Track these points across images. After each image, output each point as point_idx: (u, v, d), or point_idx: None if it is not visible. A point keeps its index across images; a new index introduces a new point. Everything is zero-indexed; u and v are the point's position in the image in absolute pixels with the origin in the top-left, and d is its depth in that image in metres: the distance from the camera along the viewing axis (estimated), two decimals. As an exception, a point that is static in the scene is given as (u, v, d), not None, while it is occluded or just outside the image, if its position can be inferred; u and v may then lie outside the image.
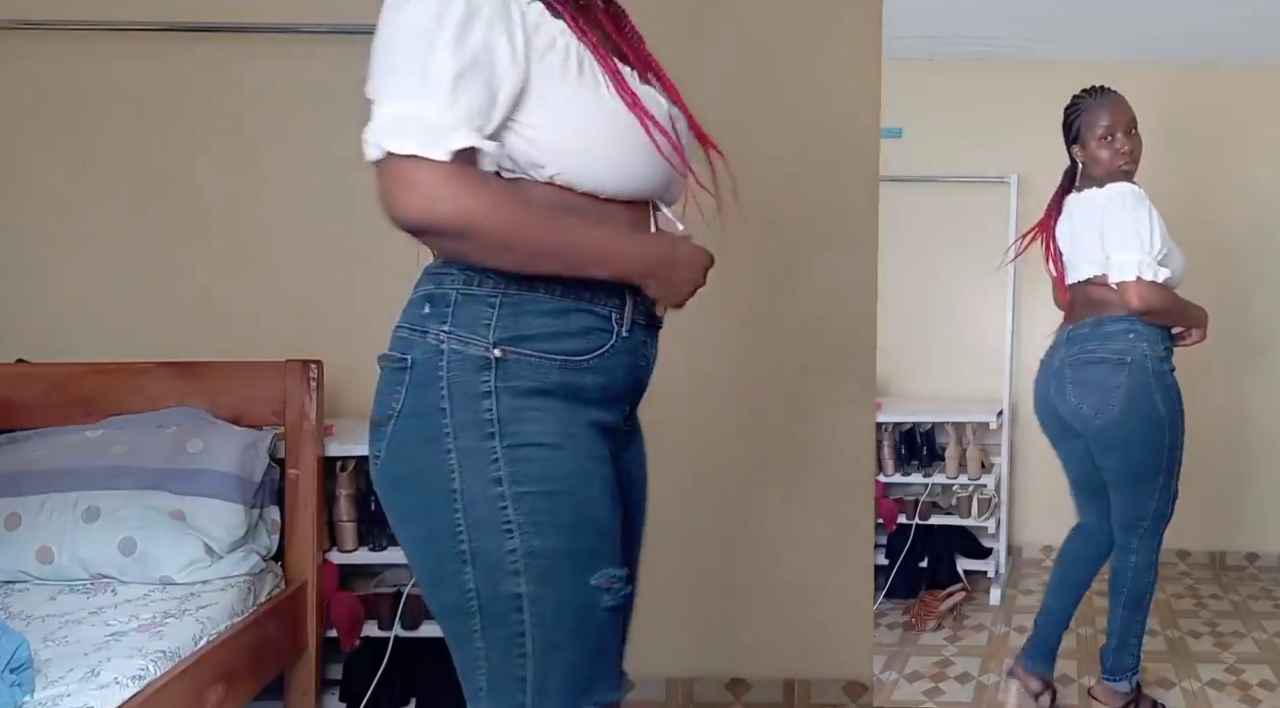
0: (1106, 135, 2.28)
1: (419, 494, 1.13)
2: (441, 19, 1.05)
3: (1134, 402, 2.26)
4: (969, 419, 3.08)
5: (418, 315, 1.17)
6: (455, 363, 1.12)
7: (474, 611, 1.14)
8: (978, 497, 3.07)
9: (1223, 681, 2.71)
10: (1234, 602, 3.14)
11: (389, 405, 1.15)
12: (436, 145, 1.04)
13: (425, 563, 1.16)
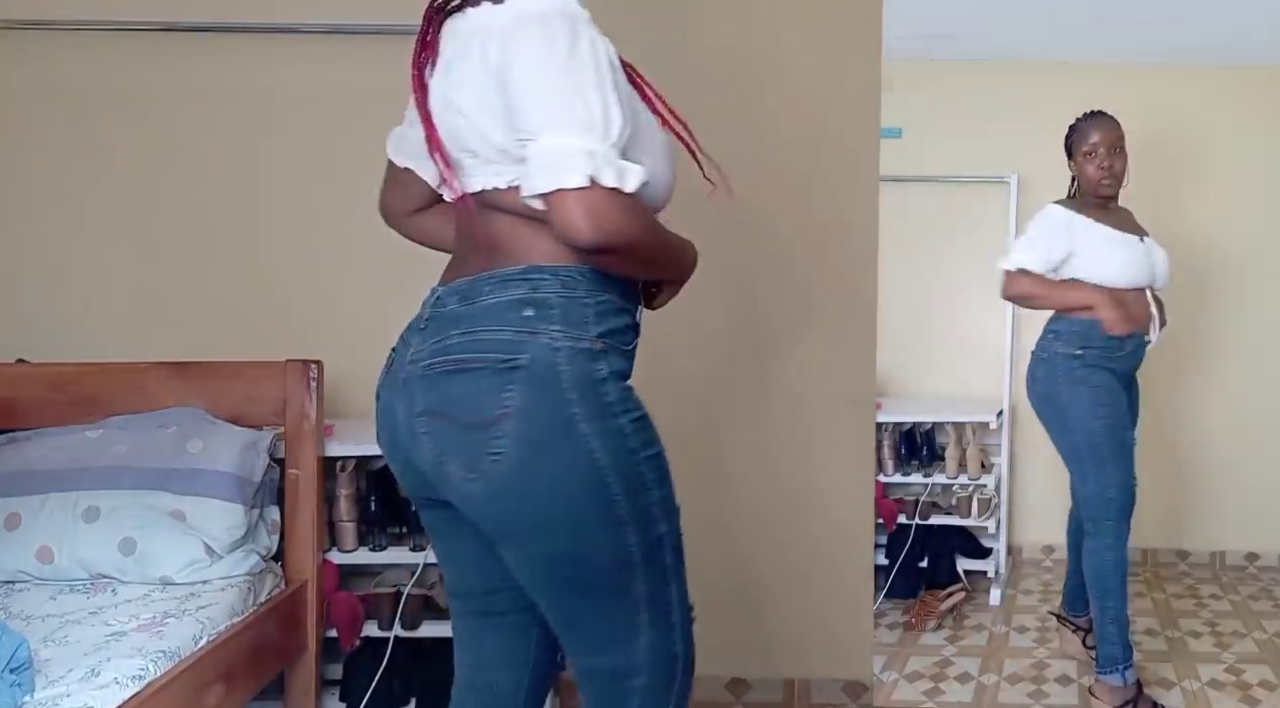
0: (1091, 152, 2.50)
1: (562, 478, 1.25)
2: (596, 61, 1.22)
3: (1045, 394, 2.53)
4: (969, 419, 3.08)
5: (520, 319, 1.25)
6: (573, 357, 1.25)
7: (636, 562, 1.30)
8: (978, 497, 3.07)
9: (1223, 681, 2.71)
10: (1234, 602, 3.14)
11: (500, 404, 1.23)
12: (628, 180, 1.20)
13: (576, 536, 1.28)
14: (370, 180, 2.61)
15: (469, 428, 1.24)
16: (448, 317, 1.30)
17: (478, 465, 1.24)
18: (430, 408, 1.28)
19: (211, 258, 2.62)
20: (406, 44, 2.56)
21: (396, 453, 1.37)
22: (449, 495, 1.31)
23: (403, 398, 1.32)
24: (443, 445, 1.27)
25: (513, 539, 1.30)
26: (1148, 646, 2.91)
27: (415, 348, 1.33)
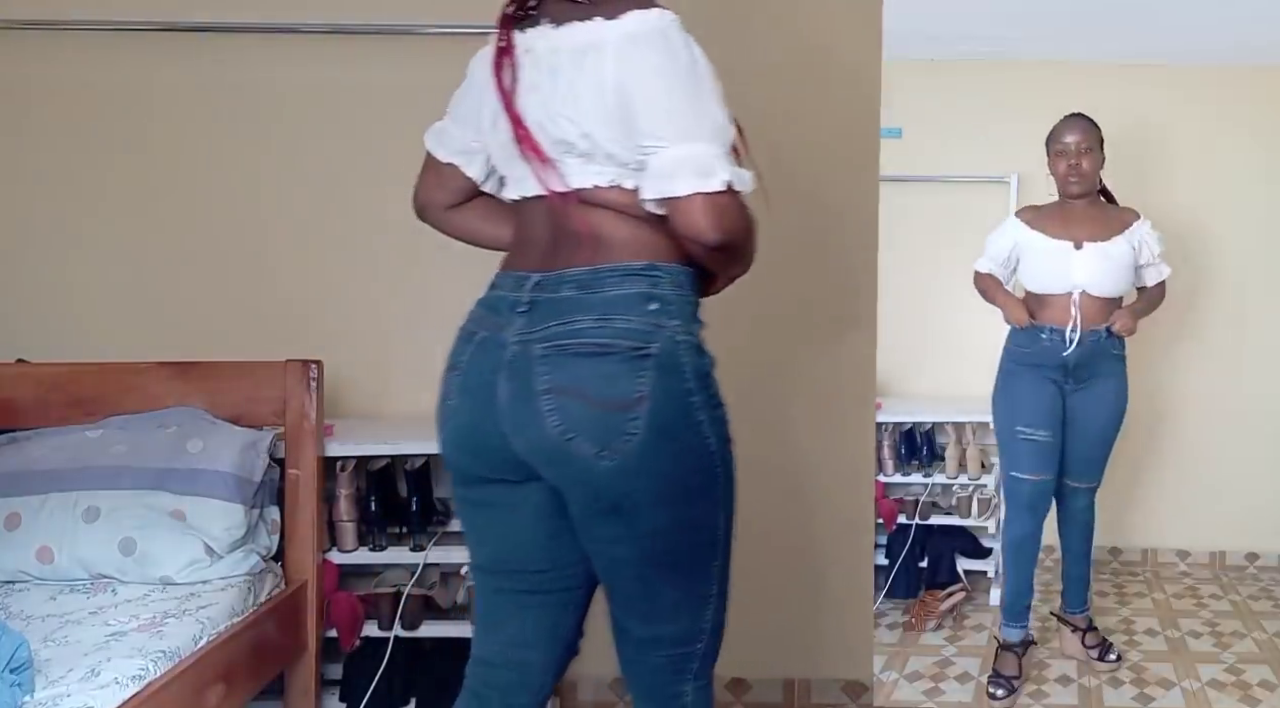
0: (1062, 151, 2.63)
1: (684, 460, 1.36)
2: (708, 71, 1.36)
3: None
4: (969, 419, 3.07)
5: (647, 312, 1.35)
6: (690, 350, 1.37)
7: (720, 539, 1.43)
8: (978, 497, 3.07)
9: (1223, 681, 2.71)
10: (1234, 602, 3.14)
11: (635, 388, 1.33)
12: (746, 183, 1.35)
13: (686, 512, 1.39)
14: (370, 180, 2.63)
15: (606, 408, 1.33)
16: (567, 302, 1.36)
17: (612, 443, 1.33)
18: (558, 386, 1.34)
19: (211, 258, 2.62)
20: (406, 44, 2.59)
21: (480, 429, 1.41)
22: (558, 472, 1.37)
23: (512, 375, 1.37)
24: (571, 422, 1.33)
25: (626, 514, 1.36)
26: (1148, 646, 2.91)
27: (520, 328, 1.38)
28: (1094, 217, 2.66)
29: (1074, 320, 2.58)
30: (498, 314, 1.43)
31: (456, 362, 1.46)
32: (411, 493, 2.40)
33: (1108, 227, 2.66)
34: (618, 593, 1.45)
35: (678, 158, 1.30)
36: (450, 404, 1.46)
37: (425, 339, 2.62)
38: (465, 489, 1.51)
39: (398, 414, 2.63)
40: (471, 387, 1.42)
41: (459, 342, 1.48)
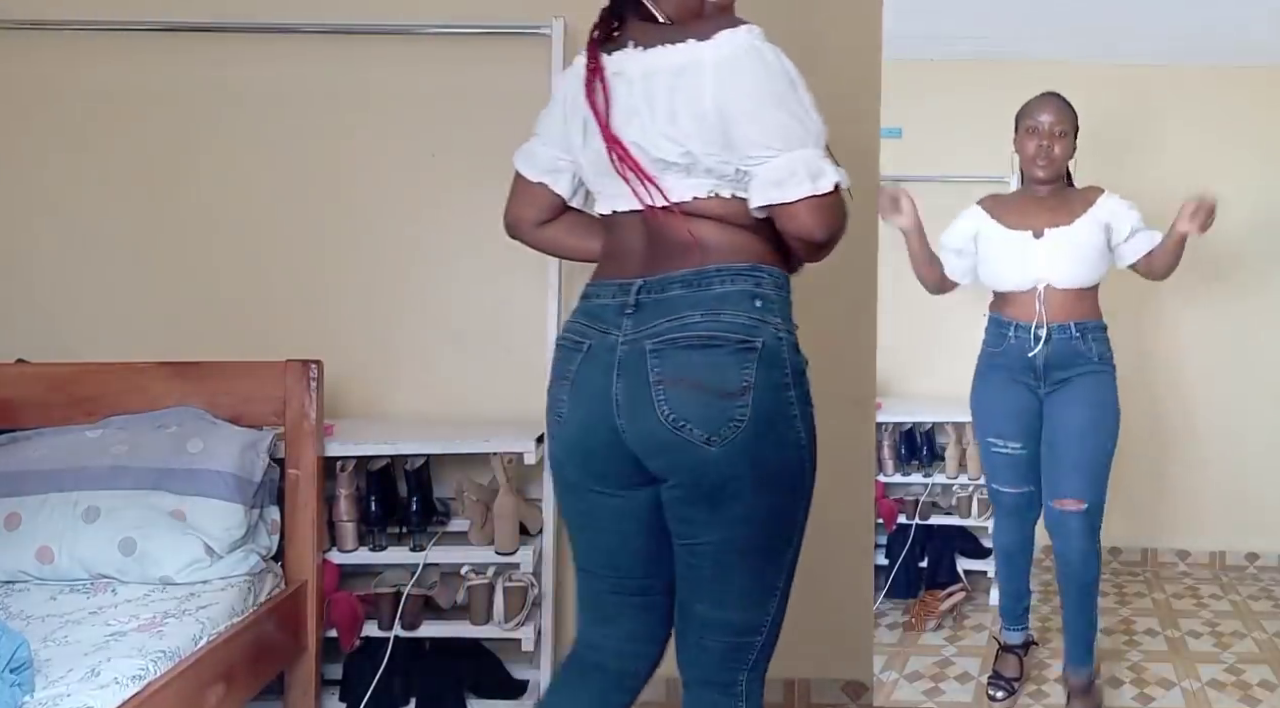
0: (1032, 129, 2.45)
1: (781, 448, 1.46)
2: (800, 77, 1.47)
3: None
4: (969, 419, 3.07)
5: (753, 308, 1.44)
6: (789, 347, 1.47)
7: (797, 533, 1.52)
8: (978, 497, 3.06)
9: (1223, 681, 2.71)
10: (1234, 602, 3.14)
11: (742, 378, 1.41)
12: (845, 179, 1.43)
13: (777, 501, 1.48)
14: (369, 180, 2.63)
15: (716, 395, 1.40)
16: (675, 300, 1.43)
17: (720, 429, 1.40)
18: (669, 376, 1.41)
19: (211, 258, 2.62)
20: (405, 44, 2.59)
21: (594, 431, 1.47)
22: (666, 460, 1.44)
23: (624, 372, 1.44)
24: (682, 410, 1.40)
25: (721, 501, 1.44)
26: (1148, 646, 2.91)
27: (629, 329, 1.45)
28: (1055, 203, 2.46)
29: (1039, 316, 2.38)
30: (602, 321, 1.48)
31: (566, 371, 1.52)
32: (411, 493, 2.40)
33: (1069, 211, 2.45)
34: (695, 575, 1.50)
35: (787, 165, 1.39)
36: (562, 413, 1.52)
37: (425, 339, 2.65)
38: (572, 498, 1.59)
39: (398, 414, 2.63)
40: (585, 393, 1.48)
41: (565, 352, 1.53)
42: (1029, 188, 2.49)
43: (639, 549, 1.55)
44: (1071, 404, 2.40)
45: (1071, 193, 2.50)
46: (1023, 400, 2.44)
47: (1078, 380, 2.41)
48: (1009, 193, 2.54)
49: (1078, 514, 2.37)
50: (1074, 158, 2.48)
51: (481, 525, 2.38)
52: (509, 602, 2.33)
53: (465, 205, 2.64)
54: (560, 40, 2.49)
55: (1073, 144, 2.47)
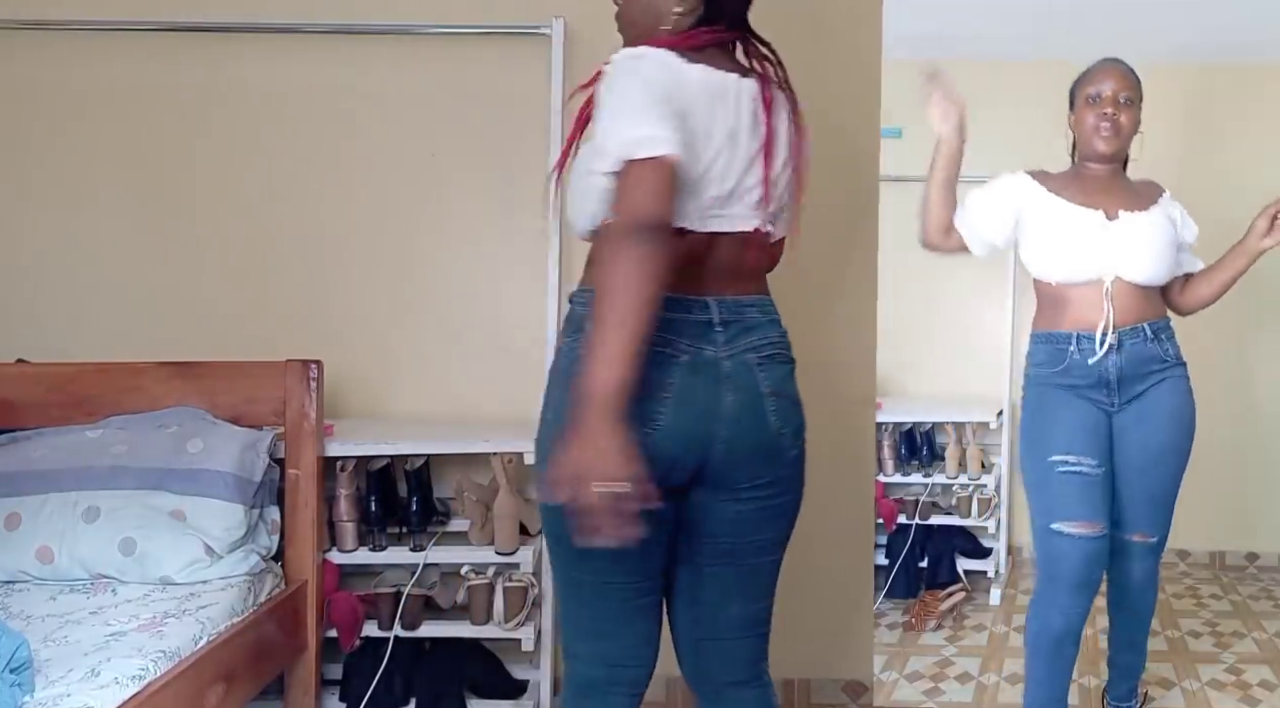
0: (1094, 98, 2.07)
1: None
2: None
3: None
4: (969, 419, 3.07)
5: (783, 332, 1.62)
6: None
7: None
8: (978, 497, 3.07)
9: (1223, 681, 2.71)
10: (1234, 602, 3.14)
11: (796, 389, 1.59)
12: None
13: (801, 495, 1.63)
14: (369, 180, 2.63)
15: (797, 405, 1.59)
16: (755, 322, 1.55)
17: (801, 433, 1.60)
18: (775, 389, 1.54)
19: (211, 257, 2.62)
20: (405, 44, 2.59)
21: (692, 438, 1.49)
22: (766, 464, 1.54)
23: (734, 384, 1.51)
24: (784, 419, 1.55)
25: (795, 498, 1.61)
26: (1148, 646, 2.91)
27: (724, 344, 1.51)
28: (1120, 186, 2.10)
29: (1108, 317, 1.97)
30: (690, 336, 1.49)
31: (666, 381, 1.46)
32: (411, 493, 2.40)
33: (1139, 197, 2.09)
34: (727, 576, 1.59)
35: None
36: (661, 424, 1.46)
37: (425, 339, 2.65)
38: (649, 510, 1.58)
39: (398, 414, 2.63)
40: (688, 402, 1.47)
41: (659, 366, 1.45)
42: (1083, 167, 2.11)
43: (662, 554, 1.59)
44: (1149, 421, 2.04)
45: (1134, 181, 2.13)
46: (1093, 415, 2.02)
47: (1154, 391, 2.04)
48: (1059, 172, 2.14)
49: (1147, 545, 2.12)
50: (1140, 134, 2.11)
51: (481, 526, 2.38)
52: (509, 602, 2.33)
53: (465, 205, 2.64)
54: (560, 40, 2.49)
55: (1138, 116, 2.09)
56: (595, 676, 1.63)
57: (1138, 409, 2.03)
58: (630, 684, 1.64)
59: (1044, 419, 2.04)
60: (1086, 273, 1.99)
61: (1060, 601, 1.96)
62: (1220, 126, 3.13)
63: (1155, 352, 2.04)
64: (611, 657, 1.63)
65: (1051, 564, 1.96)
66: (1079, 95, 2.12)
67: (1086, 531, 1.93)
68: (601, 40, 1.77)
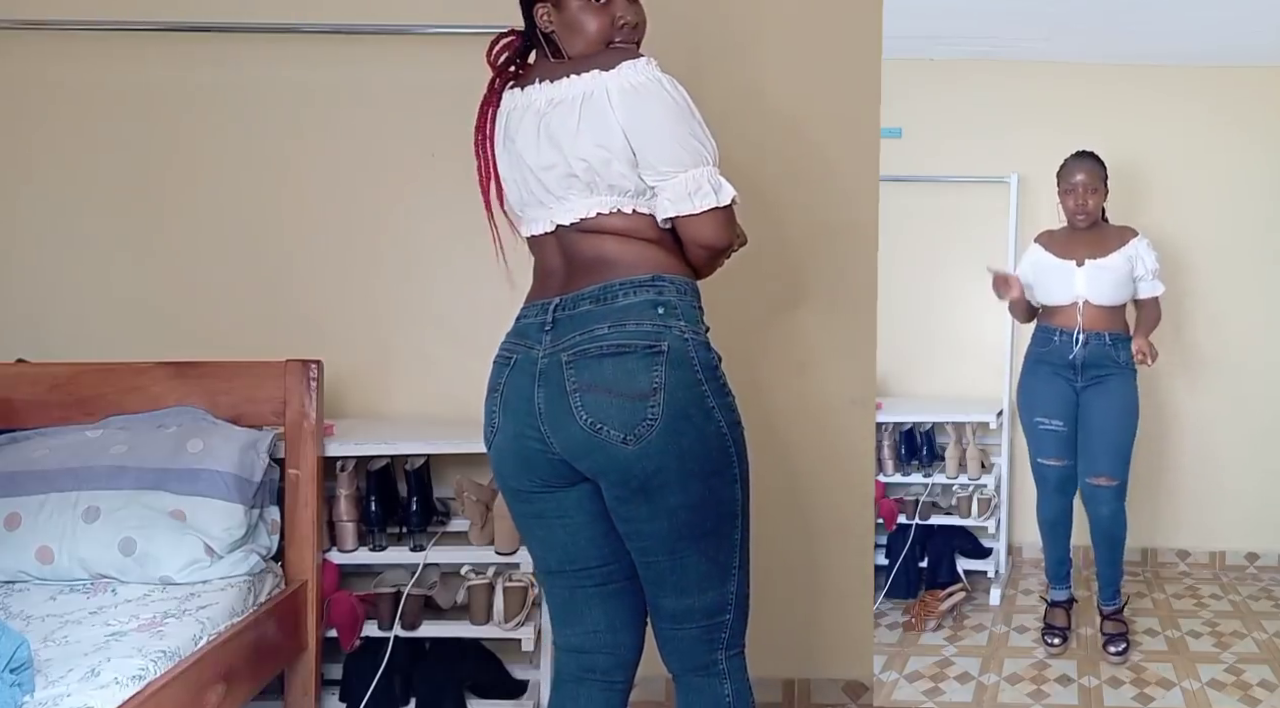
0: (1070, 190, 2.91)
1: (700, 441, 1.56)
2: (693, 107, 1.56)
3: None
4: (969, 419, 3.08)
5: (656, 315, 1.56)
6: (697, 346, 1.58)
7: (738, 513, 1.62)
8: (978, 497, 3.07)
9: (1223, 681, 2.71)
10: (1234, 602, 3.14)
11: (651, 380, 1.52)
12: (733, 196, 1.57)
13: (707, 488, 1.57)
14: (369, 180, 2.63)
15: (628, 398, 1.51)
16: (585, 315, 1.55)
17: (635, 429, 1.51)
18: (584, 384, 1.52)
19: (211, 258, 2.62)
20: (405, 44, 2.59)
21: (524, 438, 1.58)
22: (592, 461, 1.54)
23: (545, 383, 1.55)
24: (599, 414, 1.51)
25: (653, 493, 1.54)
26: (1148, 646, 2.91)
27: (547, 345, 1.56)
28: (1095, 238, 2.95)
29: (1079, 324, 2.88)
30: (527, 338, 1.60)
31: (496, 384, 1.63)
32: (411, 493, 2.40)
33: (1106, 245, 2.95)
34: (652, 570, 1.60)
35: (692, 181, 1.53)
36: (495, 423, 1.63)
37: (425, 339, 2.65)
38: (520, 503, 1.68)
39: (398, 414, 2.63)
40: (512, 403, 1.60)
41: (496, 368, 1.64)
42: (1073, 225, 2.96)
43: (591, 538, 1.64)
44: (1103, 397, 2.89)
45: (1109, 229, 2.97)
46: (1064, 389, 2.91)
47: (1108, 379, 2.89)
48: (1058, 229, 2.98)
49: (1110, 488, 2.88)
50: (1106, 200, 2.93)
51: (481, 526, 2.38)
52: (509, 602, 2.33)
53: (465, 205, 2.61)
54: (560, 40, 2.49)
55: (1105, 191, 2.91)
56: (564, 663, 1.73)
57: (1096, 389, 2.90)
58: (603, 673, 1.69)
59: (1032, 391, 2.98)
60: (1065, 299, 2.93)
61: (1048, 500, 2.98)
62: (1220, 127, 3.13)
63: (1110, 354, 2.89)
64: (574, 644, 1.71)
65: (1041, 482, 2.99)
66: (1060, 182, 2.94)
67: (1056, 463, 2.94)
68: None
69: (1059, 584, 3.03)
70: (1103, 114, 3.05)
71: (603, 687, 1.70)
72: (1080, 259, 2.94)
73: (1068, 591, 3.02)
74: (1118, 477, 2.88)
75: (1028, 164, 3.06)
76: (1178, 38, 2.98)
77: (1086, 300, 2.91)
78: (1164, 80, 3.07)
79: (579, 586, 1.68)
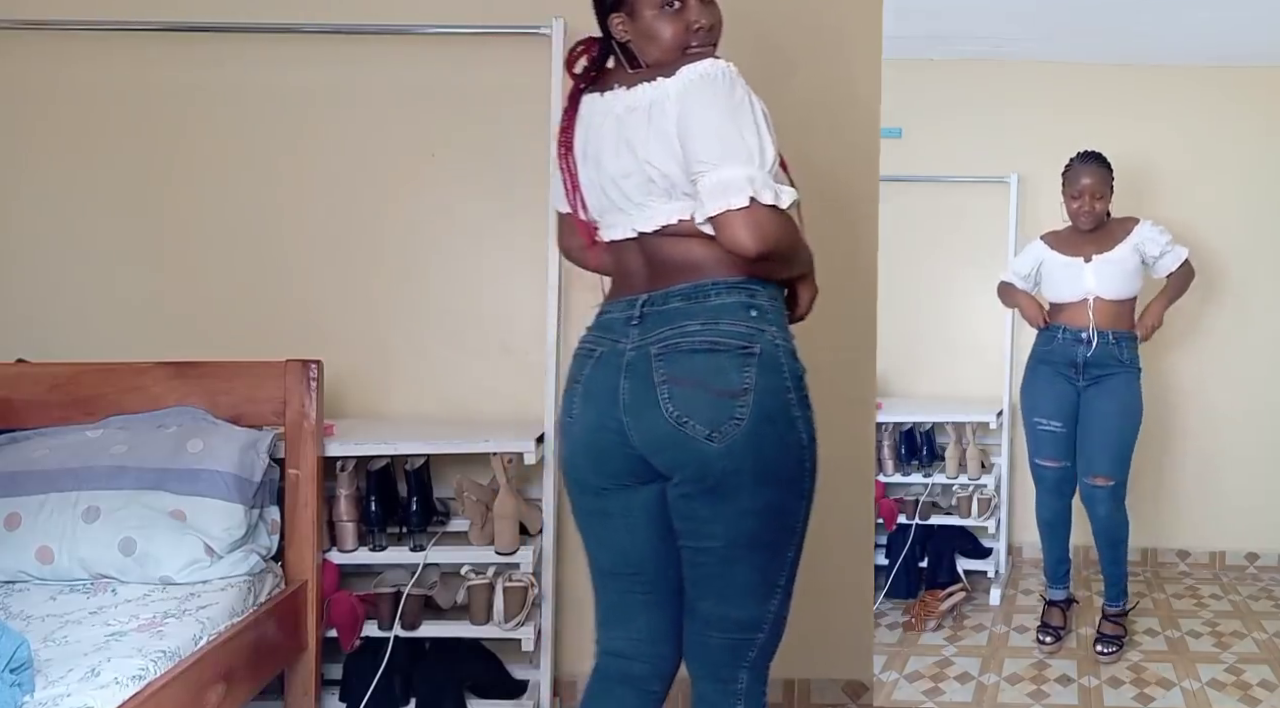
0: (1077, 194, 2.88)
1: (780, 447, 1.57)
2: (751, 104, 1.52)
3: None
4: (969, 419, 3.07)
5: (749, 317, 1.55)
6: (787, 353, 1.59)
7: (798, 530, 1.61)
8: (978, 497, 3.07)
9: (1223, 681, 2.71)
10: (1234, 602, 3.14)
11: (743, 380, 1.52)
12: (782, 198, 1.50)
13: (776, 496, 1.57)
14: (369, 180, 2.63)
15: (718, 395, 1.49)
16: (676, 312, 1.53)
17: (721, 427, 1.49)
18: (674, 377, 1.50)
19: (211, 258, 2.62)
20: (405, 44, 2.59)
21: (603, 430, 1.57)
22: (670, 455, 1.52)
23: (631, 374, 1.54)
24: (686, 407, 1.50)
25: (725, 494, 1.51)
26: (1148, 646, 2.91)
27: (634, 338, 1.55)
28: (1100, 235, 2.91)
29: (1091, 322, 2.85)
30: (612, 331, 1.59)
31: (578, 376, 1.62)
32: (411, 493, 2.40)
33: (1111, 239, 2.91)
34: (700, 570, 1.57)
35: (715, 181, 1.46)
36: (574, 415, 1.62)
37: (425, 339, 2.65)
38: (585, 499, 1.67)
39: (398, 414, 2.64)
40: (595, 394, 1.58)
41: (578, 360, 1.63)
42: (1078, 226, 2.93)
43: (649, 541, 1.63)
44: (1104, 397, 2.86)
45: (1112, 223, 2.93)
46: (1065, 389, 2.89)
47: (1110, 379, 2.86)
48: (1063, 229, 2.95)
49: (1106, 488, 2.85)
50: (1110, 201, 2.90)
51: (481, 526, 2.38)
52: (509, 602, 2.33)
53: (465, 205, 2.64)
54: (560, 40, 2.49)
55: (1110, 194, 2.88)
56: (604, 665, 1.70)
57: (1096, 389, 2.87)
58: (641, 681, 1.67)
59: (1033, 391, 2.97)
60: (1075, 296, 2.89)
61: (1046, 501, 2.97)
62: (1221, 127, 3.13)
63: (1115, 354, 2.85)
64: (616, 648, 1.68)
65: (1039, 482, 2.97)
66: (1066, 186, 2.90)
67: (1054, 464, 2.93)
68: (602, 40, 1.76)
69: (1057, 584, 3.01)
70: (1103, 114, 3.04)
71: (638, 693, 1.68)
72: (1088, 255, 2.92)
73: (1065, 591, 3.00)
74: (1114, 477, 2.84)
75: (1028, 164, 3.06)
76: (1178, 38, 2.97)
77: (1097, 296, 2.87)
78: (1164, 80, 3.07)
79: (630, 590, 1.67)
